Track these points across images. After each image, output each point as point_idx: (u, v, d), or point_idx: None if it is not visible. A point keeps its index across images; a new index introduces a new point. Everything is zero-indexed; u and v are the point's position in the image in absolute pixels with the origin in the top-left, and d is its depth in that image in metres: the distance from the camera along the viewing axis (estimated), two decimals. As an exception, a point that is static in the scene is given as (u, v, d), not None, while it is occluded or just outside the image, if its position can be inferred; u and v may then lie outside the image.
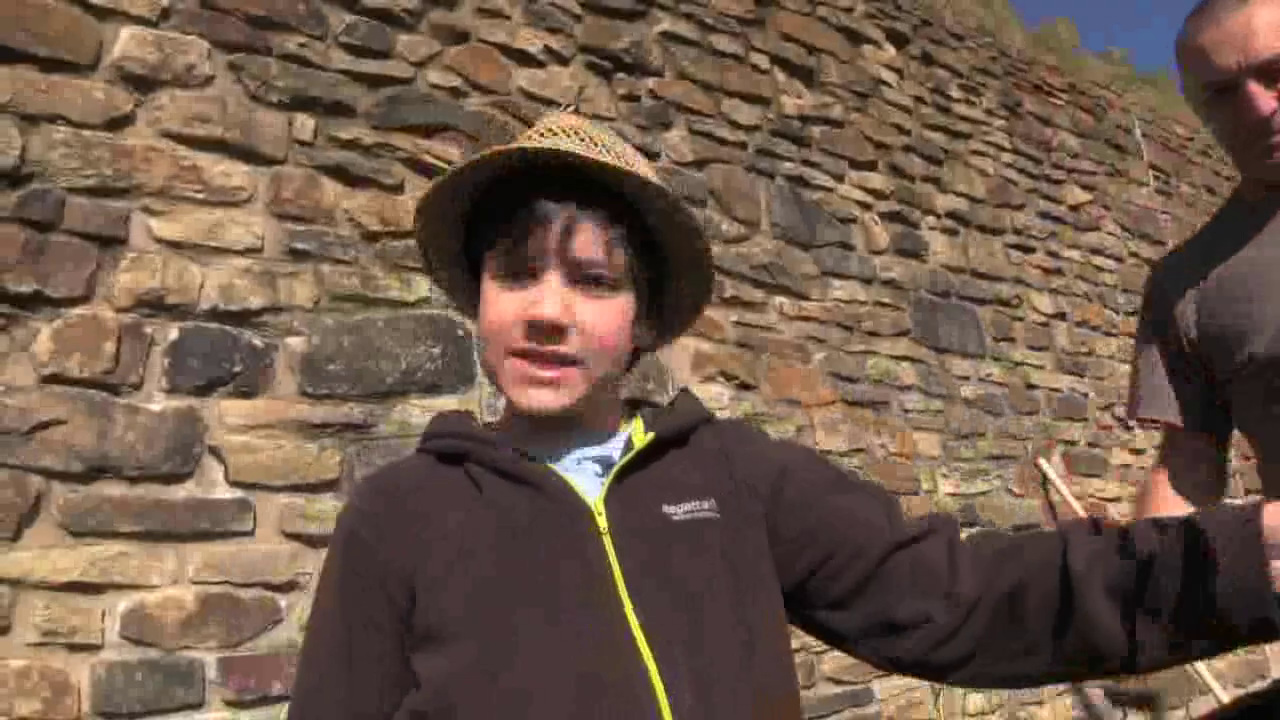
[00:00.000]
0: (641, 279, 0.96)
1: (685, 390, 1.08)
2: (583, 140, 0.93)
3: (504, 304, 0.91)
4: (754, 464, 1.00)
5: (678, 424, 0.99)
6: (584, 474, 0.94)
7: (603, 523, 0.90)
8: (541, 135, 0.94)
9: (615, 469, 0.93)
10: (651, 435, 0.96)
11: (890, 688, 3.33)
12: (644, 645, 0.84)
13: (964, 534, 0.95)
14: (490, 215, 0.94)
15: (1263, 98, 1.44)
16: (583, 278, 0.91)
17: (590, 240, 0.91)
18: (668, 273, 1.00)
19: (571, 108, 0.90)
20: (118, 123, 2.28)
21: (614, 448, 0.97)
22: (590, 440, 0.97)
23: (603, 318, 0.92)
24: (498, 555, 0.88)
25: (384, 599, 0.89)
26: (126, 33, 2.33)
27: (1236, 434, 1.63)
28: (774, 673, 0.91)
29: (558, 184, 0.91)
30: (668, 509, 0.92)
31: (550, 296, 0.89)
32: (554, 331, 0.90)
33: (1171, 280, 1.61)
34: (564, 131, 0.93)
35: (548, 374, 0.91)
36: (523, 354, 0.91)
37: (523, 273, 0.91)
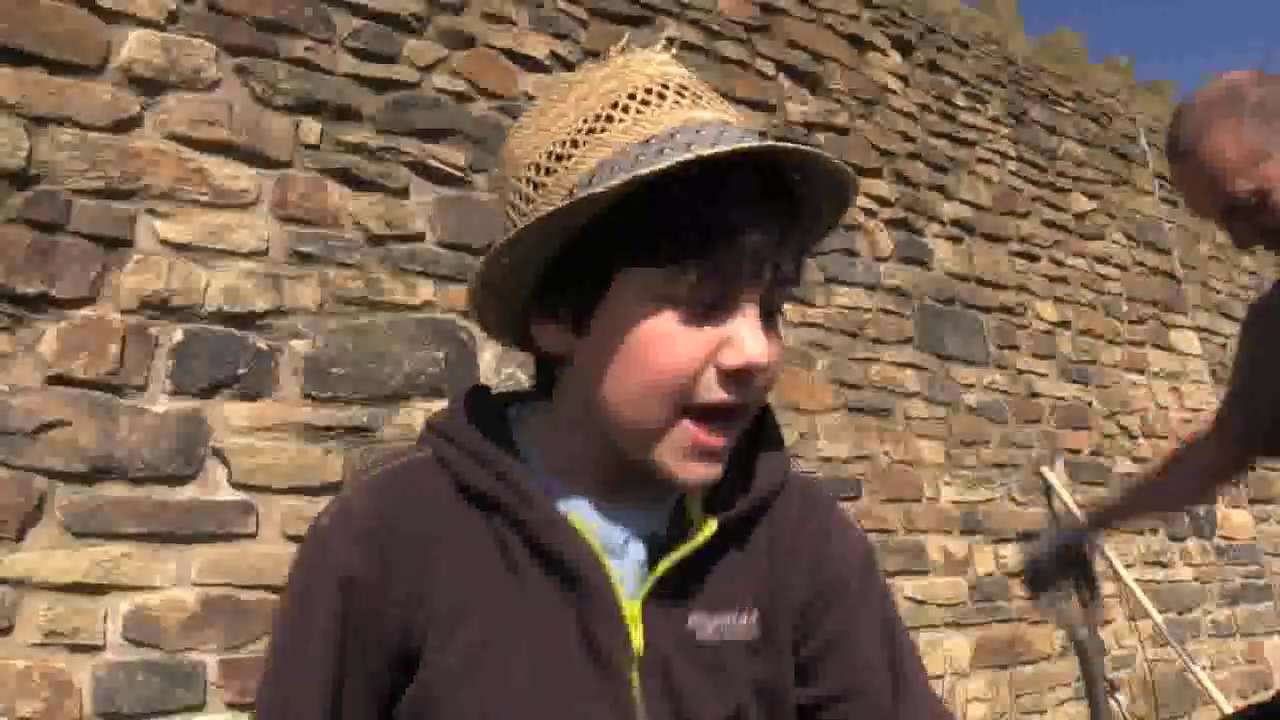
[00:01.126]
0: None
1: (771, 424, 0.84)
2: (703, 99, 0.75)
3: (687, 344, 0.70)
4: (801, 561, 0.82)
5: (748, 505, 0.80)
6: (628, 561, 0.77)
7: (637, 639, 0.74)
8: (644, 101, 0.72)
9: (663, 567, 0.75)
10: (713, 525, 0.77)
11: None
12: None
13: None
14: (629, 218, 0.70)
15: (1241, 234, 1.52)
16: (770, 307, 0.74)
17: (794, 264, 0.74)
18: None
19: (657, 46, 0.75)
20: (124, 125, 2.29)
21: (663, 514, 0.79)
22: (645, 497, 0.79)
23: (779, 351, 0.75)
24: (524, 661, 0.73)
25: (383, 664, 0.75)
26: (134, 35, 2.34)
27: None
28: None
29: (725, 175, 0.69)
30: (696, 619, 0.76)
31: (758, 336, 0.71)
32: (752, 378, 0.72)
33: (1264, 316, 1.76)
34: (679, 90, 0.73)
35: (722, 442, 0.73)
36: (708, 413, 0.72)
37: (717, 305, 0.71)
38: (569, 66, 3.15)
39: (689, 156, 0.65)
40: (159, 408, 2.18)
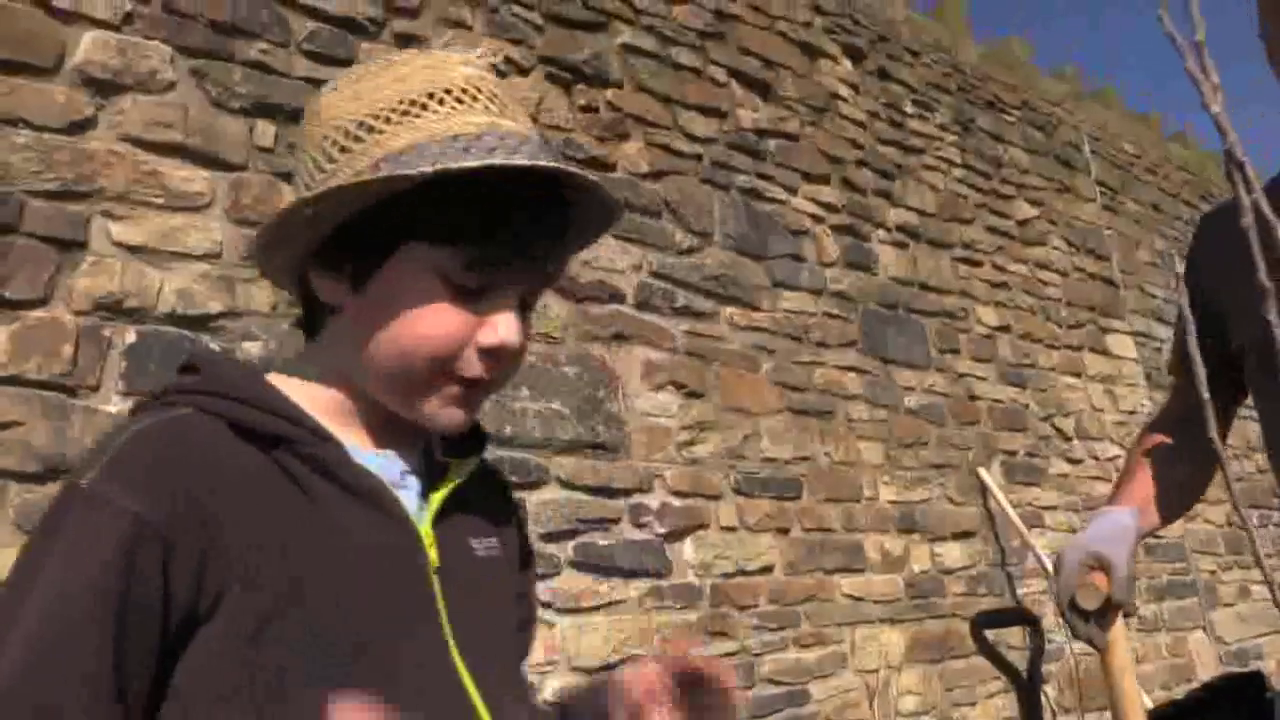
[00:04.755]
0: None
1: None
2: (509, 109, 0.83)
3: (452, 320, 0.80)
4: (511, 512, 0.99)
5: (480, 448, 0.93)
6: (409, 492, 0.85)
7: (433, 555, 0.83)
8: (459, 99, 0.80)
9: (442, 496, 0.86)
10: (475, 461, 0.91)
11: (827, 689, 3.44)
12: (475, 696, 0.81)
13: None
14: (422, 198, 0.78)
15: None
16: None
17: (554, 267, 0.85)
18: None
19: (475, 52, 0.83)
20: (79, 127, 2.31)
21: (416, 459, 0.88)
22: (405, 442, 0.87)
23: (527, 336, 0.85)
24: (336, 590, 0.76)
25: (163, 629, 0.71)
26: (89, 37, 2.36)
27: None
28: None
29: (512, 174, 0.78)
30: (473, 543, 0.88)
31: (514, 323, 0.82)
32: (504, 356, 0.82)
33: (1204, 239, 1.53)
34: (490, 96, 0.82)
35: (477, 398, 0.84)
36: (465, 379, 0.81)
37: (482, 291, 0.80)
38: (524, 72, 3.21)
39: (492, 162, 0.75)
40: (112, 408, 2.22)
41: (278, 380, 0.84)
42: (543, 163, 0.78)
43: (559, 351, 3.05)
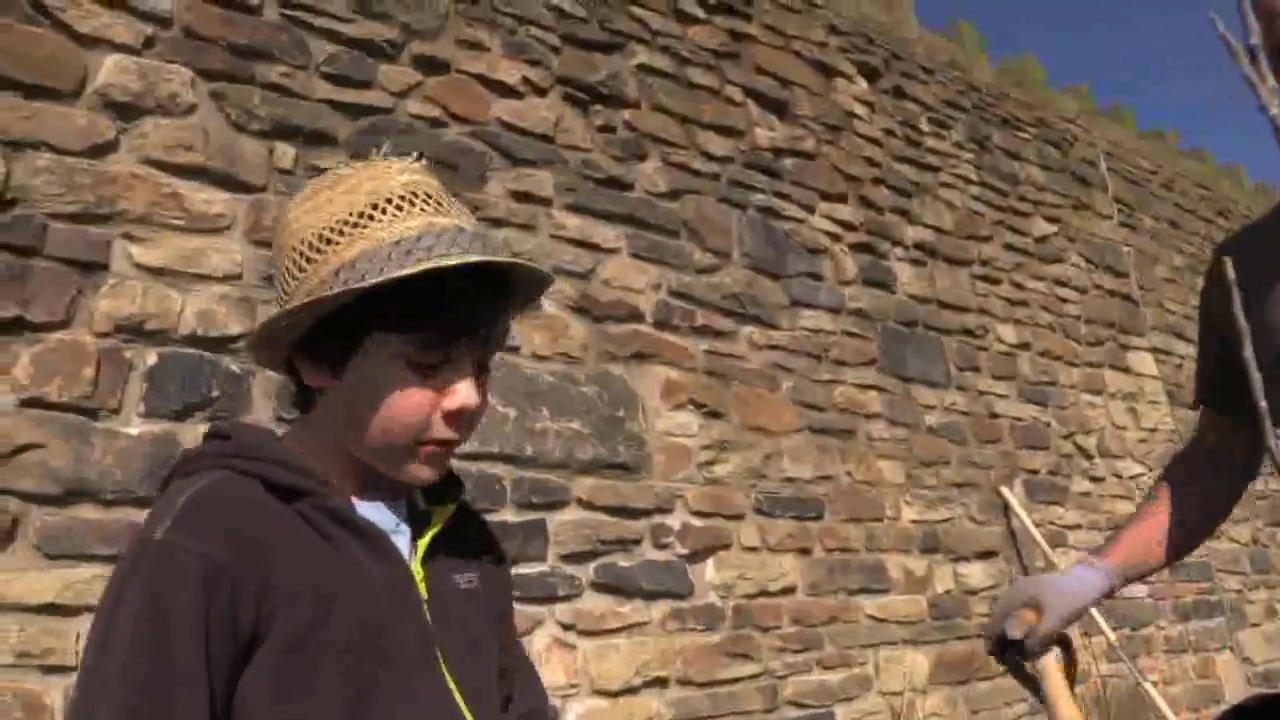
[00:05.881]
0: None
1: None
2: (444, 207, 0.95)
3: (419, 396, 0.93)
4: (490, 550, 1.13)
5: (459, 492, 1.07)
6: (402, 538, 0.99)
7: (423, 590, 0.97)
8: (399, 206, 0.93)
9: (429, 538, 1.00)
10: (452, 508, 1.04)
11: (851, 712, 3.39)
12: (460, 702, 0.95)
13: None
14: (378, 297, 0.90)
15: None
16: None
17: (499, 334, 1.00)
18: None
19: (410, 157, 1.01)
20: (101, 150, 2.32)
21: (401, 507, 1.02)
22: (392, 495, 1.01)
23: (485, 396, 0.98)
24: (357, 617, 0.90)
25: (235, 646, 0.86)
26: (110, 61, 2.37)
27: None
28: None
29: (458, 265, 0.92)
30: (455, 577, 1.02)
31: (470, 388, 0.95)
32: (467, 417, 0.96)
33: (1217, 275, 1.53)
34: (425, 198, 0.94)
35: (447, 456, 0.98)
36: (438, 441, 0.95)
37: (440, 364, 0.93)
38: (541, 93, 3.21)
39: (427, 266, 0.88)
40: (132, 430, 2.21)
41: (289, 444, 1.00)
42: (471, 257, 0.90)
43: (578, 371, 3.04)
